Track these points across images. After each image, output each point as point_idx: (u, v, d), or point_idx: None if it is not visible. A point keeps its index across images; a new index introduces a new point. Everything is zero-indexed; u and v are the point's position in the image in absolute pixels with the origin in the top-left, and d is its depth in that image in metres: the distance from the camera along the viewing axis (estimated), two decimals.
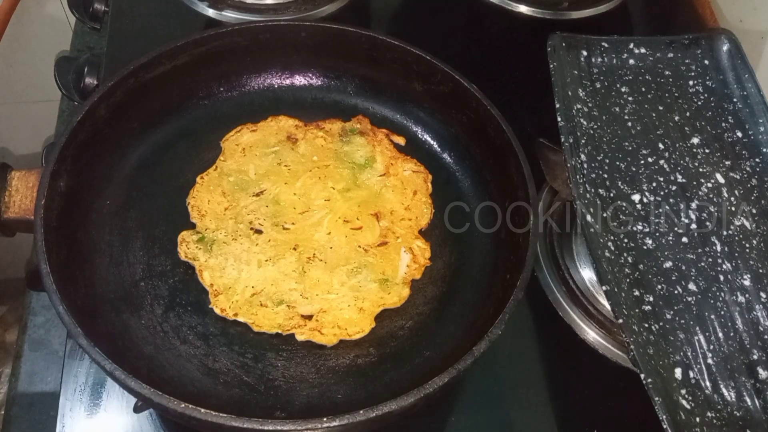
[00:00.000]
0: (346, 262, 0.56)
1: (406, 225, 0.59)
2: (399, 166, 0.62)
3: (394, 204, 0.60)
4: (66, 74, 0.73)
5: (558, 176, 0.61)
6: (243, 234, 0.56)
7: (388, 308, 0.54)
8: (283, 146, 0.62)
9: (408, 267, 0.56)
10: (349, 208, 0.59)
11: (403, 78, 0.63)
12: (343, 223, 0.58)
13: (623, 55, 0.67)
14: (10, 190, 0.52)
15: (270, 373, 0.50)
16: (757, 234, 0.58)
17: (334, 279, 0.55)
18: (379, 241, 0.57)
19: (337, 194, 0.59)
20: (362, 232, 0.57)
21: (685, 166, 0.62)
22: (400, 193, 0.60)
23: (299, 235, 0.57)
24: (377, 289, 0.55)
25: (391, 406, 0.42)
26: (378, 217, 0.58)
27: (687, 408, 0.49)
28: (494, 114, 0.57)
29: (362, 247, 0.57)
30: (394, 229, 0.58)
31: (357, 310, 0.53)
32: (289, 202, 0.59)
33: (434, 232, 0.59)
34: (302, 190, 0.59)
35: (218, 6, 0.74)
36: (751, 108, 0.65)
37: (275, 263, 0.55)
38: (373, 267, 0.56)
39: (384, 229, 0.58)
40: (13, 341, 0.81)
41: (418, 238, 0.58)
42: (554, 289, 0.59)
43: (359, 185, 0.60)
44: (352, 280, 0.55)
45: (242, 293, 0.53)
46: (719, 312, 0.54)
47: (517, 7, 0.79)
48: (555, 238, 0.62)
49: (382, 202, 0.60)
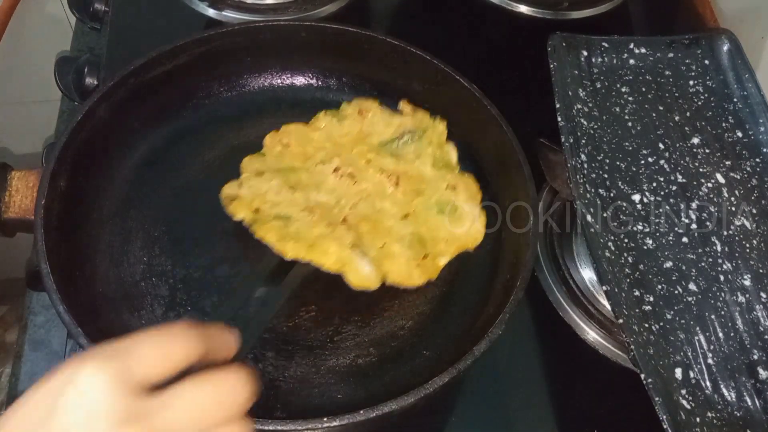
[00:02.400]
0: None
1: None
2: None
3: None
4: (66, 74, 0.73)
5: (558, 176, 0.61)
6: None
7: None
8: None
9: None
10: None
11: (403, 78, 0.63)
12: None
13: (623, 55, 0.67)
14: (10, 190, 0.52)
15: (270, 373, 0.50)
16: (758, 234, 0.58)
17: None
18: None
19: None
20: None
21: (686, 166, 0.62)
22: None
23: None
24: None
25: (391, 406, 0.42)
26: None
27: (687, 408, 0.49)
28: (494, 114, 0.57)
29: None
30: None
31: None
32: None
33: None
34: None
35: (218, 6, 0.74)
36: (751, 108, 0.65)
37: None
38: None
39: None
40: (13, 341, 0.81)
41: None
42: (554, 289, 0.59)
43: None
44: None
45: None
46: (719, 312, 0.54)
47: (517, 7, 0.79)
48: (555, 238, 0.62)
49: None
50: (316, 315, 0.53)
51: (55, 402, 0.28)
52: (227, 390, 0.31)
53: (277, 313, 0.48)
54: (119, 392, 0.28)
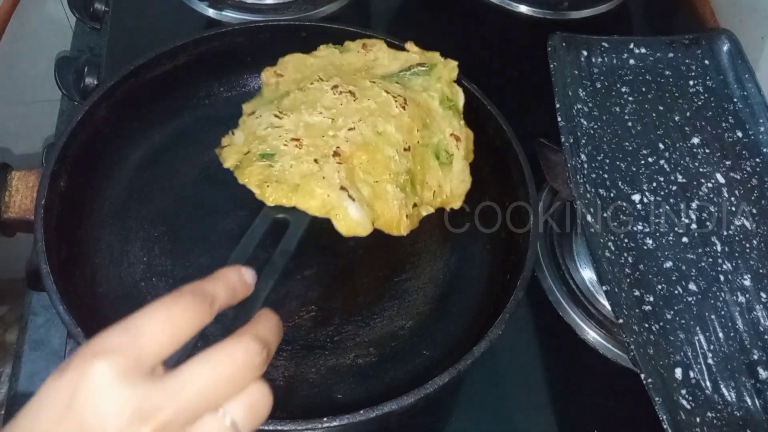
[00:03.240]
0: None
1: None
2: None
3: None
4: (66, 74, 0.73)
5: (558, 176, 0.61)
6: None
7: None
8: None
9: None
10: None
11: None
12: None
13: (623, 55, 0.67)
14: (10, 190, 0.52)
15: (270, 373, 0.50)
16: (758, 234, 0.58)
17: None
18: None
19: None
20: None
21: (686, 166, 0.62)
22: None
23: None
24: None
25: (391, 406, 0.42)
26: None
27: (687, 408, 0.49)
28: (494, 114, 0.57)
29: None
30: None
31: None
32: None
33: (434, 232, 0.59)
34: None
35: (218, 6, 0.74)
36: (751, 108, 0.65)
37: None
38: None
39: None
40: (13, 341, 0.81)
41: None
42: (554, 289, 0.59)
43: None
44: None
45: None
46: (719, 312, 0.54)
47: (517, 7, 0.79)
48: (555, 238, 0.62)
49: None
50: (316, 315, 0.53)
51: (70, 401, 0.28)
52: (240, 362, 0.31)
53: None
54: (132, 385, 0.28)
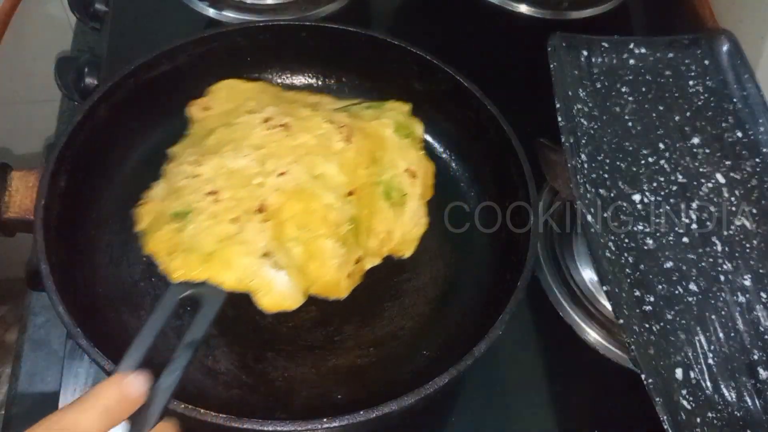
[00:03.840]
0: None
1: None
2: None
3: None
4: (66, 74, 0.73)
5: (558, 176, 0.61)
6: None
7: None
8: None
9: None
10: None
11: (403, 78, 0.63)
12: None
13: (623, 55, 0.67)
14: (10, 190, 0.52)
15: (270, 373, 0.50)
16: (758, 234, 0.58)
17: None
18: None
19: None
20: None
21: (686, 166, 0.62)
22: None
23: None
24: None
25: (391, 406, 0.42)
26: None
27: (688, 408, 0.49)
28: (494, 114, 0.57)
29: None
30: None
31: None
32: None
33: (434, 232, 0.59)
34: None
35: (218, 6, 0.74)
36: (751, 108, 0.65)
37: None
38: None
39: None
40: (13, 341, 0.81)
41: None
42: (554, 289, 0.59)
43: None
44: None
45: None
46: (720, 312, 0.54)
47: (518, 7, 0.79)
48: (555, 238, 0.62)
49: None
50: (316, 315, 0.53)
51: None
52: None
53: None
54: None
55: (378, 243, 0.45)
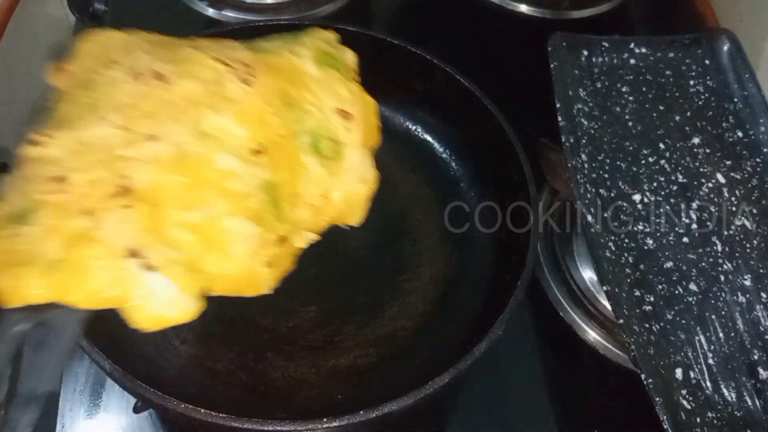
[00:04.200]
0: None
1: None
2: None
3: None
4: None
5: (558, 176, 0.61)
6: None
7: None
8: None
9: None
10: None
11: (403, 78, 0.63)
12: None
13: (624, 54, 0.67)
14: None
15: (270, 373, 0.50)
16: (758, 234, 0.58)
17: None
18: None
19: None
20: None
21: (686, 166, 0.61)
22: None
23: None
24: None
25: (391, 406, 0.42)
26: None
27: (687, 408, 0.49)
28: (494, 114, 0.57)
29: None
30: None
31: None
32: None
33: (434, 233, 0.59)
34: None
35: (218, 6, 0.74)
36: (751, 108, 0.65)
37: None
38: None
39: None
40: None
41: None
42: (554, 289, 0.59)
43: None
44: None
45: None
46: (720, 312, 0.54)
47: (518, 7, 0.79)
48: (555, 238, 0.62)
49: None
50: (316, 315, 0.53)
51: None
52: None
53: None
54: None
55: (311, 212, 0.36)
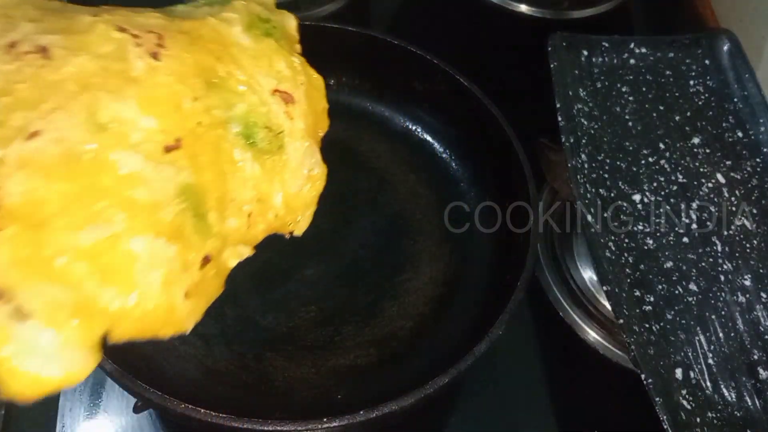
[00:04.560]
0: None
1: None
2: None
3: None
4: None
5: (558, 176, 0.61)
6: None
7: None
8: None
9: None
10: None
11: (403, 78, 0.63)
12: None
13: (624, 54, 0.67)
14: None
15: (270, 373, 0.50)
16: (758, 234, 0.58)
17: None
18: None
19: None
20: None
21: (686, 166, 0.61)
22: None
23: None
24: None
25: (391, 406, 0.42)
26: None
27: (687, 408, 0.49)
28: (494, 114, 0.57)
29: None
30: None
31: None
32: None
33: (434, 233, 0.59)
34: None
35: None
36: (751, 108, 0.65)
37: None
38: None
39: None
40: None
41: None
42: (555, 289, 0.59)
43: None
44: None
45: None
46: (720, 312, 0.54)
47: (518, 7, 0.79)
48: (555, 238, 0.62)
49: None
50: (316, 315, 0.53)
51: None
52: None
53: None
54: None
55: (245, 220, 0.29)
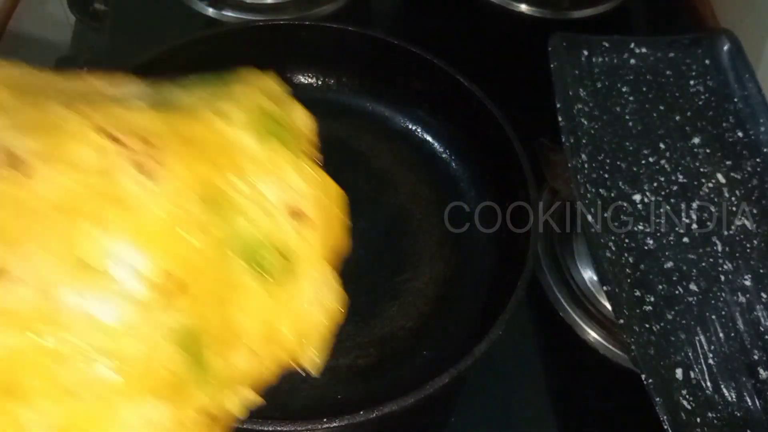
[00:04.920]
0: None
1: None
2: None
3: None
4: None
5: (558, 176, 0.61)
6: None
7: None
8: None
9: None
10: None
11: (403, 78, 0.63)
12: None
13: (624, 54, 0.67)
14: None
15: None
16: (758, 234, 0.58)
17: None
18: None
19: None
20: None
21: (686, 166, 0.61)
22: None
23: None
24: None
25: (392, 406, 0.42)
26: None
27: (688, 408, 0.49)
28: (494, 114, 0.57)
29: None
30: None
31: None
32: None
33: (434, 233, 0.59)
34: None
35: (218, 6, 0.74)
36: (751, 108, 0.65)
37: None
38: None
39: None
40: None
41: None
42: (555, 289, 0.59)
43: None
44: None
45: None
46: (720, 312, 0.54)
47: (518, 7, 0.79)
48: (555, 238, 0.62)
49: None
50: None
51: None
52: None
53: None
54: None
55: (251, 359, 0.25)
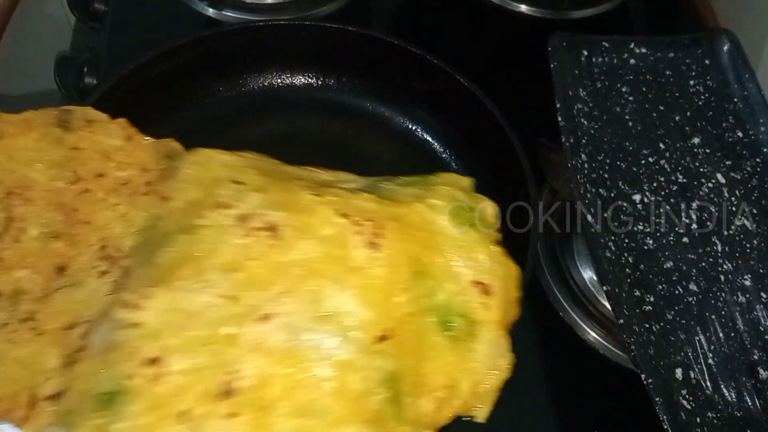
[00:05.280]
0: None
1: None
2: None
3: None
4: (65, 74, 0.73)
5: (558, 176, 0.60)
6: None
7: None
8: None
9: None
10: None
11: (403, 78, 0.63)
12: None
13: (624, 54, 0.67)
14: None
15: None
16: (758, 234, 0.58)
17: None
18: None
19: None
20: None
21: (686, 166, 0.61)
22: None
23: None
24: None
25: None
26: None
27: (687, 408, 0.49)
28: (494, 114, 0.57)
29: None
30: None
31: None
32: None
33: None
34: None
35: (218, 6, 0.74)
36: (751, 108, 0.65)
37: None
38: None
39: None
40: None
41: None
42: (554, 289, 0.59)
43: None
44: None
45: None
46: (720, 312, 0.54)
47: (518, 7, 0.79)
48: (555, 238, 0.62)
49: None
50: None
51: None
52: None
53: None
54: None
55: (435, 405, 0.30)
